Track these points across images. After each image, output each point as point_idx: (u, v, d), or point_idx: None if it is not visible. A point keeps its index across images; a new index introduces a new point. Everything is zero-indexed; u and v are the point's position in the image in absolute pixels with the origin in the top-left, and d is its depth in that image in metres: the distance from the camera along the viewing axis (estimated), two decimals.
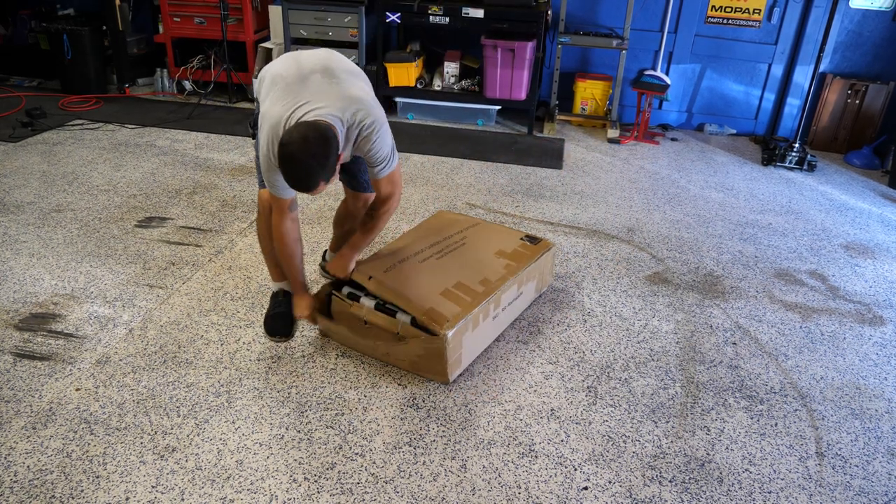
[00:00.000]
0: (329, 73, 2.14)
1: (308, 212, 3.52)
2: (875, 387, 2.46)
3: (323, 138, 1.93)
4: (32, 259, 2.95)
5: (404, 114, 5.20)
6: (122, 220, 3.35)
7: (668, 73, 5.14)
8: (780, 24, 4.90)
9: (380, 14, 4.77)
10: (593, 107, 5.21)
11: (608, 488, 1.95)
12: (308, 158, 1.91)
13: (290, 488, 1.89)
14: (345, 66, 2.23)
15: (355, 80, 2.20)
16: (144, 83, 5.57)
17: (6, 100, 5.00)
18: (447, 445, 2.07)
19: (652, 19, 5.04)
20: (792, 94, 5.05)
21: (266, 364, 2.38)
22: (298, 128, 1.95)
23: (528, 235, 2.84)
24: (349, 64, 2.27)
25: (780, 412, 2.30)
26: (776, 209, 3.96)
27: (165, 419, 2.11)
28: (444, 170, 4.21)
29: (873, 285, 3.17)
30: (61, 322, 2.55)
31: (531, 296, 2.77)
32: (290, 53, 2.28)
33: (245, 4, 5.01)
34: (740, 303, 2.94)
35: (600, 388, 2.36)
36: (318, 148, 1.92)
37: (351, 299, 2.41)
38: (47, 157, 4.04)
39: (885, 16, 4.72)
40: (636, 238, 3.47)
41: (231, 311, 2.67)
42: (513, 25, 4.66)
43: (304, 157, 1.90)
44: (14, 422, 2.07)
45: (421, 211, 3.61)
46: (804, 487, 2.00)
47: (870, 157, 4.76)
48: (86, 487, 1.86)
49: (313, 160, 1.91)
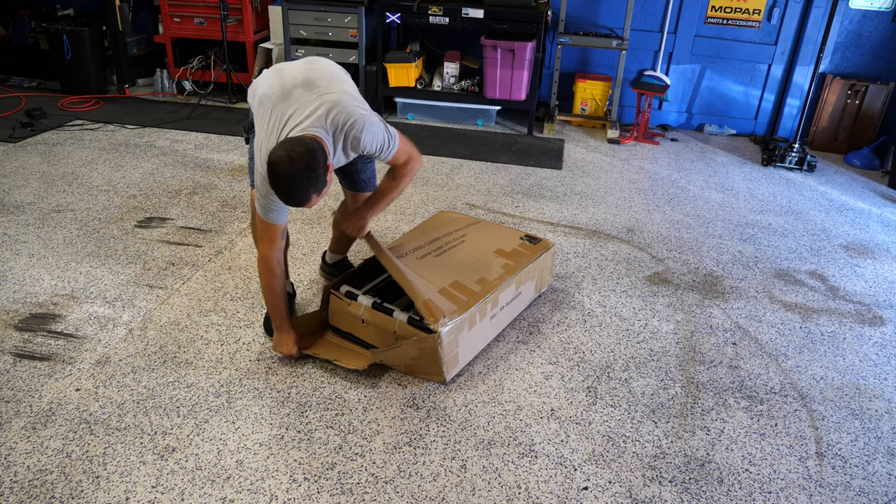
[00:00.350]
0: (309, 85, 2.13)
1: (308, 212, 3.52)
2: (875, 387, 2.46)
3: (308, 152, 1.93)
4: (32, 259, 2.95)
5: (404, 114, 5.20)
6: (121, 220, 3.35)
7: (668, 74, 5.14)
8: (779, 25, 4.90)
9: (380, 14, 4.78)
10: (593, 107, 5.21)
11: (608, 488, 1.95)
12: (295, 175, 1.91)
13: (290, 488, 1.89)
14: (325, 74, 2.21)
15: (335, 85, 2.17)
16: (144, 83, 5.58)
17: (6, 100, 5.00)
18: (447, 445, 2.07)
19: (652, 20, 5.04)
20: (792, 94, 5.05)
21: (266, 364, 2.38)
22: (283, 146, 1.95)
23: (528, 235, 2.84)
24: (331, 69, 2.26)
25: (780, 412, 2.30)
26: (776, 209, 3.96)
27: (165, 419, 2.11)
28: (444, 170, 4.21)
29: (873, 285, 3.17)
30: (61, 322, 2.55)
31: (530, 296, 2.77)
32: (275, 67, 2.27)
33: (245, 5, 5.02)
34: (740, 303, 2.95)
35: (600, 389, 2.36)
36: (304, 163, 1.92)
37: (349, 298, 2.41)
38: (47, 158, 4.04)
39: (885, 16, 4.72)
40: (636, 238, 3.47)
41: (231, 312, 2.67)
42: (513, 26, 4.66)
43: (292, 175, 1.91)
44: (14, 422, 2.07)
45: (421, 211, 3.61)
46: (804, 487, 2.00)
47: (870, 158, 4.77)
48: (86, 487, 1.86)
49: (300, 176, 1.92)
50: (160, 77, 5.38)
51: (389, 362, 2.37)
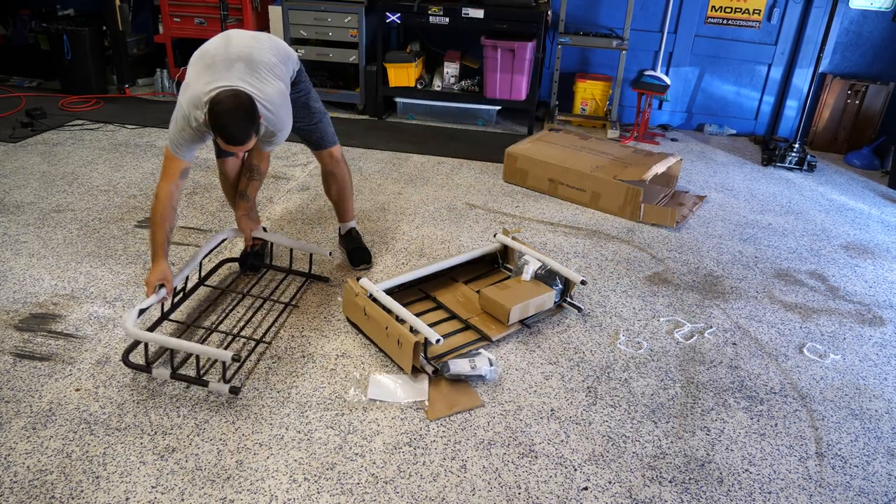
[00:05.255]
0: (252, 67, 2.34)
1: (308, 212, 3.53)
2: (875, 387, 2.46)
3: (248, 97, 2.22)
4: (32, 259, 2.95)
5: (404, 114, 5.20)
6: (121, 220, 3.35)
7: (668, 74, 5.14)
8: (779, 25, 4.90)
9: (380, 14, 4.78)
10: (593, 107, 5.21)
11: (608, 488, 1.95)
12: (239, 111, 2.18)
13: (290, 488, 1.89)
14: (268, 62, 2.40)
15: (273, 82, 2.38)
16: (144, 83, 5.58)
17: (6, 100, 5.01)
18: (447, 445, 2.07)
19: (652, 20, 5.04)
20: (791, 94, 5.05)
21: (266, 364, 2.38)
22: (226, 91, 2.20)
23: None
24: (273, 57, 2.44)
25: (780, 412, 2.30)
26: (776, 209, 3.96)
27: (165, 419, 2.11)
28: (444, 170, 4.21)
29: (873, 285, 3.17)
30: (61, 322, 2.55)
31: None
32: (225, 33, 2.48)
33: (245, 5, 5.02)
34: (740, 303, 2.95)
35: (600, 389, 2.36)
36: (247, 104, 2.20)
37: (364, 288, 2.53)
38: (47, 158, 4.05)
39: (885, 16, 4.73)
40: (636, 238, 3.47)
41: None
42: (513, 26, 4.66)
43: (234, 110, 2.17)
44: (14, 422, 2.07)
45: (421, 211, 3.61)
46: (804, 488, 2.00)
47: (869, 158, 4.77)
48: (86, 488, 1.86)
49: (242, 113, 2.19)
50: (160, 77, 5.39)
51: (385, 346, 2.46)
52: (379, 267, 3.05)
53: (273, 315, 2.63)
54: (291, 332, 2.56)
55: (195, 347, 2.17)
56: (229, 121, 2.18)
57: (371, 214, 3.54)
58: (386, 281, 2.66)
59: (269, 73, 2.38)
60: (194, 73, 2.34)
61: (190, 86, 2.31)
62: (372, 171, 4.11)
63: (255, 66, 2.34)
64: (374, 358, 2.43)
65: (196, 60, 2.38)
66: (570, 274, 2.68)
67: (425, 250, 3.21)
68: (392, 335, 2.33)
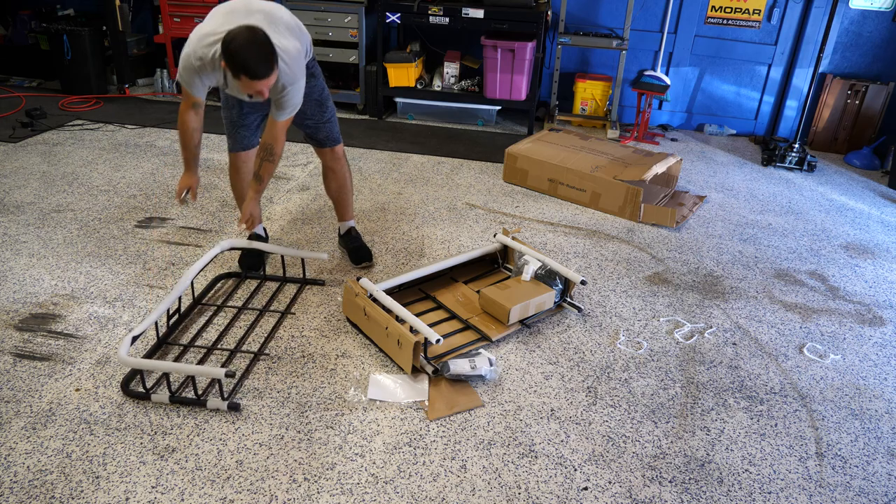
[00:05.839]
0: (271, 20, 2.35)
1: (308, 212, 3.53)
2: (875, 387, 2.46)
3: (264, 32, 2.19)
4: (32, 259, 2.95)
5: (404, 114, 5.20)
6: (121, 220, 3.35)
7: (668, 74, 5.14)
8: (779, 25, 4.90)
9: (380, 14, 4.78)
10: (593, 107, 5.21)
11: (608, 488, 1.95)
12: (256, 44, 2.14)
13: (290, 488, 1.89)
14: (287, 21, 2.44)
15: (291, 39, 2.38)
16: (144, 83, 5.58)
17: (6, 100, 5.00)
18: (447, 445, 2.07)
19: (652, 20, 5.04)
20: (791, 94, 5.05)
21: (266, 364, 2.38)
22: (239, 27, 2.17)
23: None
24: (292, 21, 2.48)
25: (780, 412, 2.30)
26: (776, 209, 3.96)
27: (165, 419, 2.11)
28: (444, 170, 4.21)
29: (873, 286, 3.17)
30: (61, 322, 2.55)
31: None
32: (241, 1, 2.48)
33: None
34: (740, 303, 2.95)
35: (600, 389, 2.36)
36: (263, 36, 2.17)
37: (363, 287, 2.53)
38: (47, 158, 4.05)
39: (885, 16, 4.73)
40: (636, 238, 3.47)
41: (231, 312, 2.67)
42: (513, 26, 4.66)
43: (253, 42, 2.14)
44: (14, 422, 2.07)
45: (421, 211, 3.61)
46: (804, 488, 2.00)
47: (869, 158, 4.77)
48: (86, 488, 1.86)
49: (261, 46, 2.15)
50: (160, 77, 5.38)
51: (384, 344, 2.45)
52: (379, 267, 3.05)
53: (270, 325, 2.62)
54: (291, 332, 2.56)
55: (189, 369, 2.16)
56: (247, 51, 2.14)
57: (371, 214, 3.54)
58: (386, 281, 2.67)
59: (288, 30, 2.40)
60: (210, 18, 2.37)
61: (203, 27, 2.33)
62: (372, 171, 4.11)
63: (274, 21, 2.36)
64: (374, 358, 2.43)
65: (214, 11, 2.40)
66: (569, 274, 2.68)
67: (425, 250, 3.21)
68: (392, 335, 2.33)
